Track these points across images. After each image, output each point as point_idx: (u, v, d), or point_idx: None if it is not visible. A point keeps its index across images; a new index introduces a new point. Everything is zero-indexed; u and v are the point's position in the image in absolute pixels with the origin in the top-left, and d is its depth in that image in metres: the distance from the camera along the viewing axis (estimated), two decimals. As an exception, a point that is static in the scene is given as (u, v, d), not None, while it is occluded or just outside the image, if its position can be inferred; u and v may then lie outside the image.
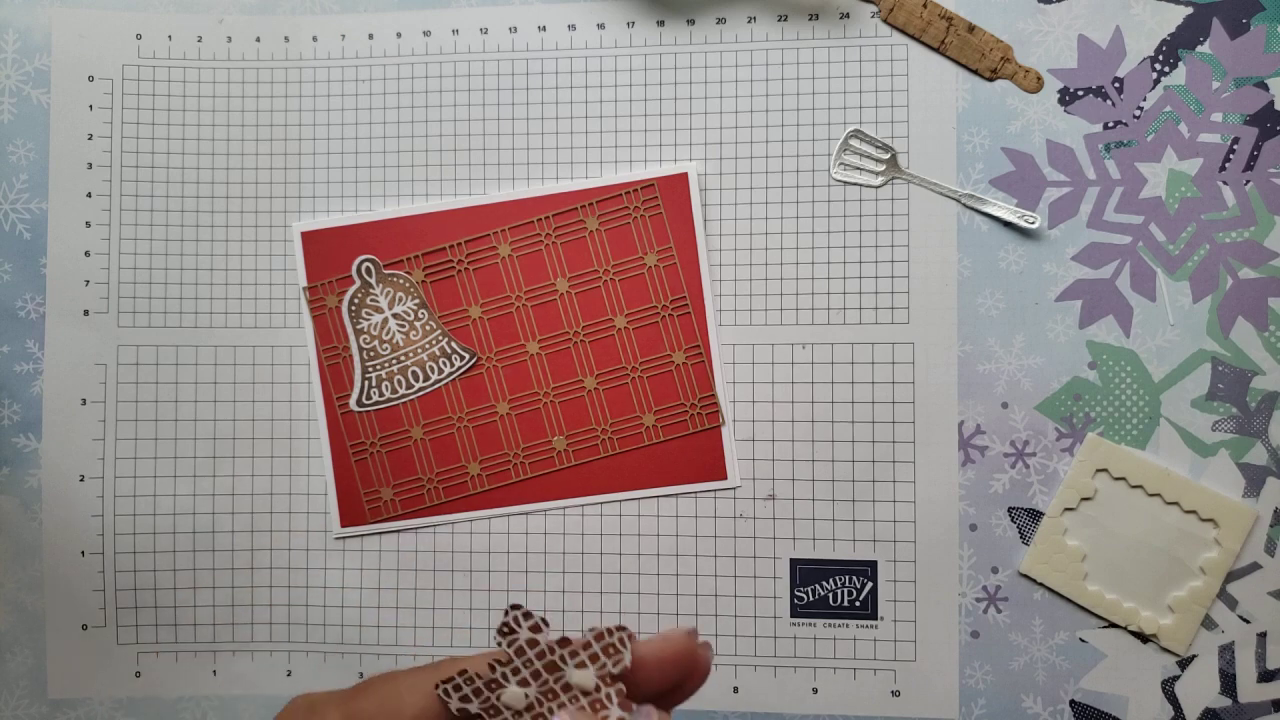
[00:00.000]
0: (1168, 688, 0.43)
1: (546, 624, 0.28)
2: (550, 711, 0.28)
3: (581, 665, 0.29)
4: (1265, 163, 0.43)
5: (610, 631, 0.28)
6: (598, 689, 0.29)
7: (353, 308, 0.47)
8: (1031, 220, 0.44)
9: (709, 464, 0.45)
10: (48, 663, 0.46)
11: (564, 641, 0.28)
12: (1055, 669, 0.44)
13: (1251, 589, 0.43)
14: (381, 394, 0.46)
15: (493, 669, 0.29)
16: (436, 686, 0.28)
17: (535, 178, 0.47)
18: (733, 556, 0.45)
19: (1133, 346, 0.44)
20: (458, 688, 0.29)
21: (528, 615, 0.28)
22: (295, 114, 0.47)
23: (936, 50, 0.45)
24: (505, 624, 0.28)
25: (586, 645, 0.28)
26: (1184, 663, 0.43)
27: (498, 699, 0.29)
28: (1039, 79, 0.44)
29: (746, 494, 0.45)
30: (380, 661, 0.46)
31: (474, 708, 0.29)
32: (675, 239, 0.46)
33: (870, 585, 0.45)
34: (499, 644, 0.29)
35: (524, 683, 0.29)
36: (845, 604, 0.45)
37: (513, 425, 0.46)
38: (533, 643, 0.28)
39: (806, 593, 0.45)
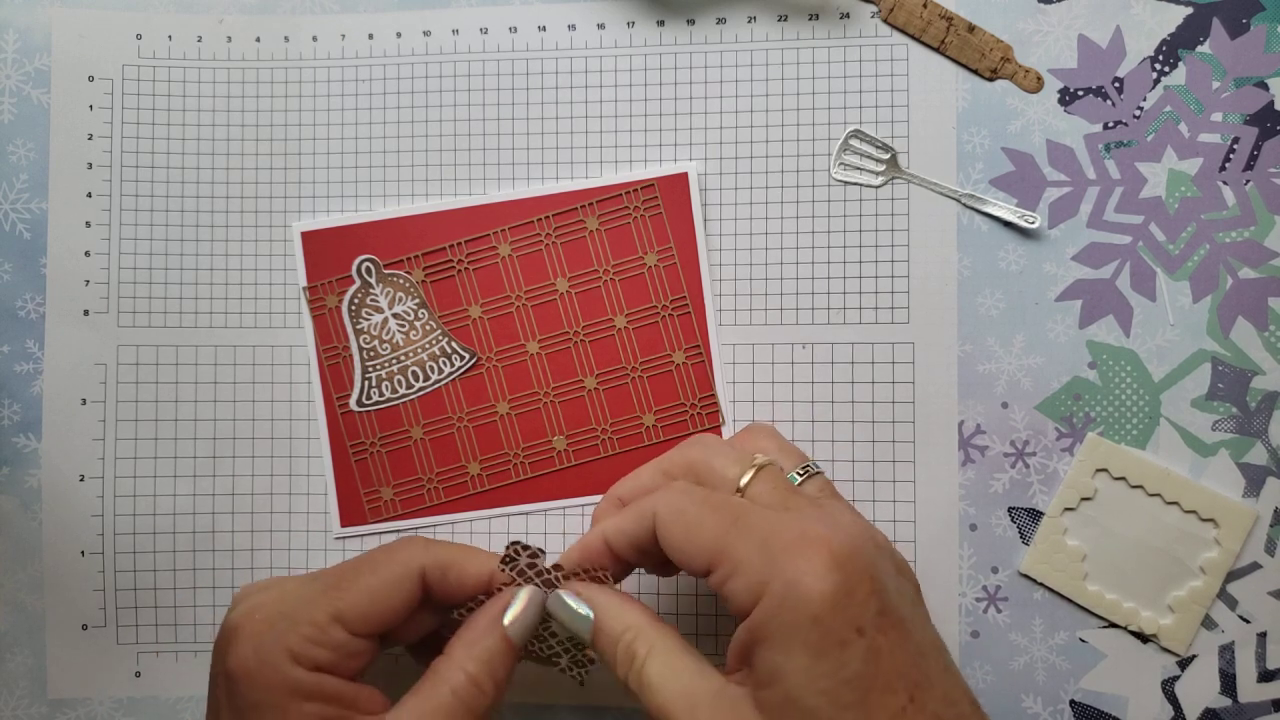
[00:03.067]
0: (1168, 688, 0.43)
1: (543, 551, 0.35)
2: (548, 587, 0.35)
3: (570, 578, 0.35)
4: (1265, 163, 0.43)
5: (591, 569, 0.35)
6: None
7: (353, 308, 0.47)
8: (1031, 220, 0.44)
9: (709, 464, 0.45)
10: (48, 663, 0.46)
11: (557, 566, 0.35)
12: (1055, 669, 0.44)
13: (1251, 589, 0.43)
14: (381, 394, 0.46)
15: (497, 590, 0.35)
16: (455, 612, 0.36)
17: (535, 178, 0.47)
18: (733, 556, 0.45)
19: (1133, 346, 0.44)
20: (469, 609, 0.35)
21: (525, 547, 0.35)
22: (295, 114, 0.47)
23: (936, 50, 0.45)
24: (507, 554, 0.35)
25: (578, 575, 0.35)
26: (1184, 663, 0.43)
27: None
28: (1039, 79, 0.44)
29: (746, 494, 0.45)
30: (380, 659, 0.46)
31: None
32: (675, 239, 0.46)
33: (870, 585, 0.44)
34: (502, 569, 0.35)
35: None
36: (845, 604, 0.45)
37: (513, 425, 0.46)
38: (532, 565, 0.35)
39: (806, 593, 0.45)
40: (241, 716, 0.32)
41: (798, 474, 0.36)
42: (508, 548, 0.34)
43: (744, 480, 0.34)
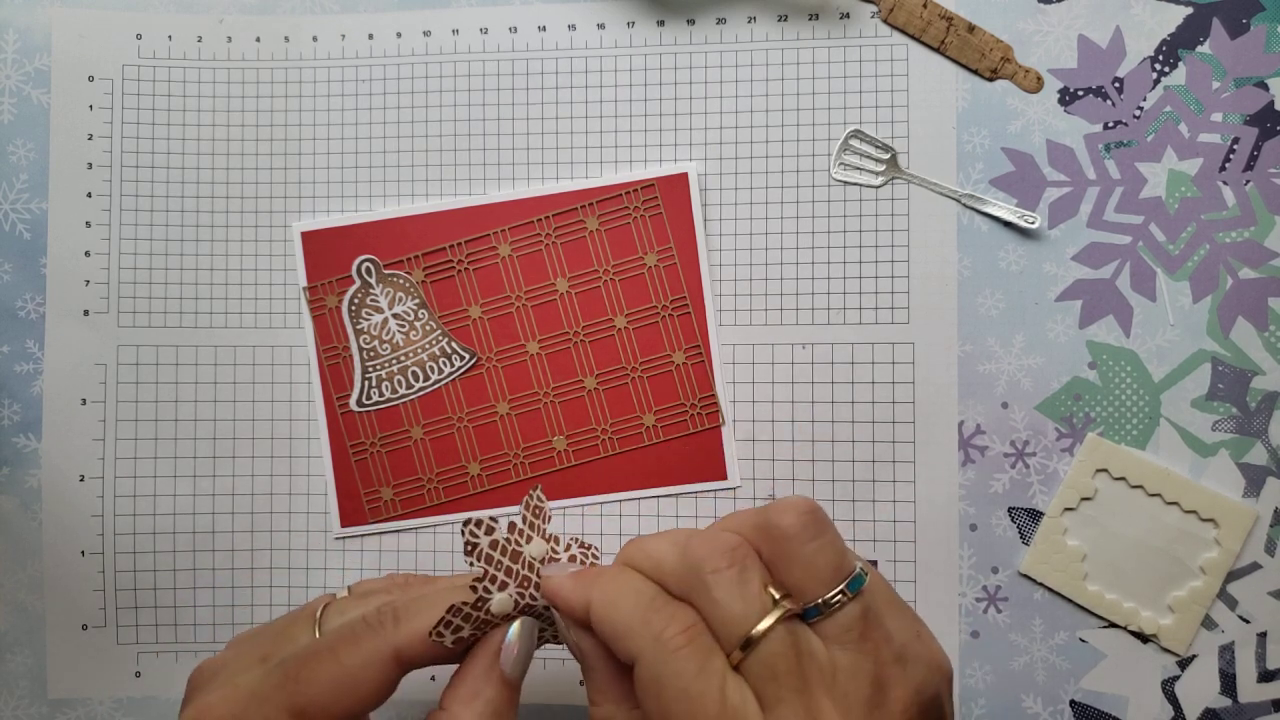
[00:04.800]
0: (1168, 688, 0.43)
1: (495, 521, 0.31)
2: (533, 596, 0.31)
3: (530, 539, 0.31)
4: (1265, 163, 0.43)
5: (529, 498, 0.31)
6: (552, 550, 0.32)
7: (353, 308, 0.47)
8: (1031, 220, 0.44)
9: (709, 464, 0.45)
10: (48, 663, 0.46)
11: (511, 526, 0.31)
12: (1055, 669, 0.44)
13: (1251, 589, 0.43)
14: (381, 394, 0.46)
15: (474, 589, 0.30)
16: (431, 634, 0.30)
17: (535, 178, 0.47)
18: (733, 556, 0.45)
19: (1133, 346, 0.44)
20: (448, 624, 0.30)
21: (478, 523, 0.30)
22: (295, 114, 0.47)
23: (936, 50, 0.45)
24: (467, 543, 0.30)
25: (525, 519, 0.31)
26: (1184, 663, 0.43)
27: (487, 614, 0.31)
28: (1039, 79, 0.44)
29: (746, 494, 0.45)
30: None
31: (467, 632, 0.31)
32: (675, 239, 0.46)
33: (870, 585, 0.44)
34: (470, 564, 0.30)
35: (503, 586, 0.31)
36: (845, 604, 0.45)
37: (513, 425, 0.46)
38: (493, 544, 0.31)
39: (806, 593, 0.45)
40: None
41: (822, 604, 0.27)
42: (464, 530, 0.30)
43: (759, 627, 0.26)
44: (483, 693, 0.30)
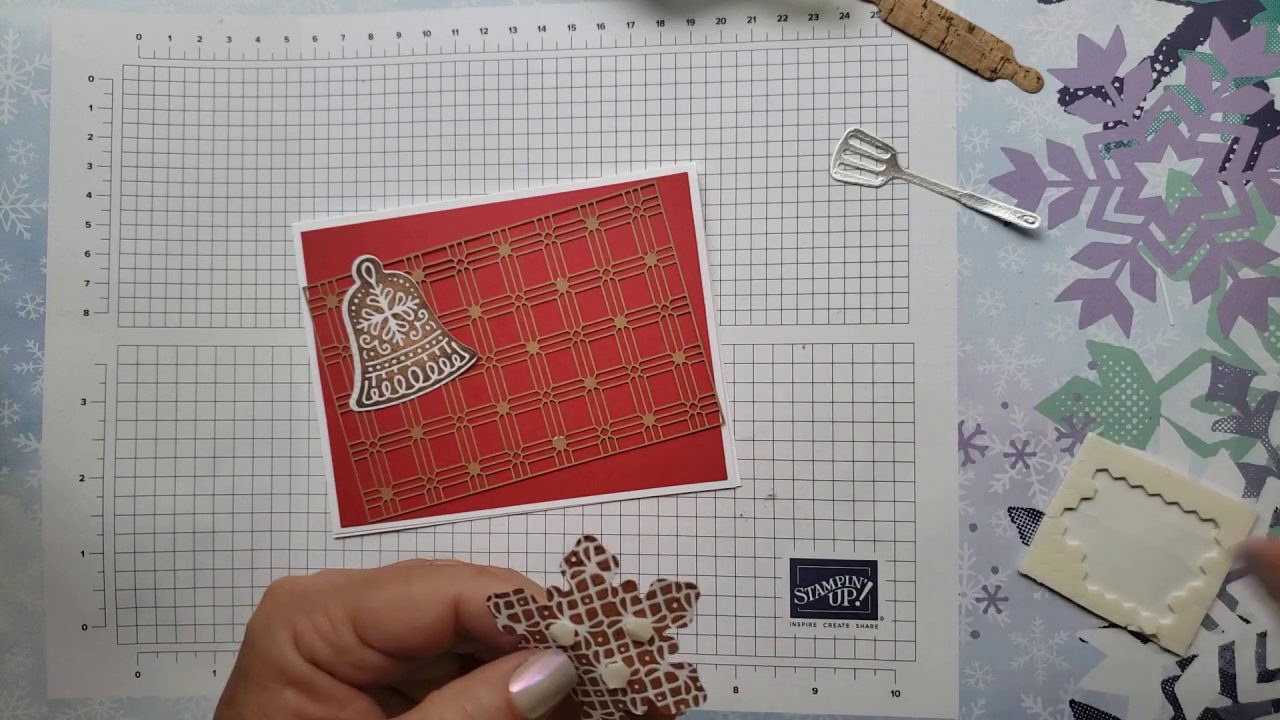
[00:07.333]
0: (1168, 688, 0.43)
1: (617, 563, 0.27)
2: (596, 656, 0.28)
3: (640, 614, 0.27)
4: (1265, 163, 0.43)
5: (679, 586, 0.27)
6: (651, 641, 0.28)
7: (353, 308, 0.47)
8: (1031, 220, 0.44)
9: (709, 464, 0.45)
10: (48, 663, 0.46)
11: (629, 585, 0.27)
12: (1055, 669, 0.44)
13: (1251, 589, 0.43)
14: (381, 394, 0.46)
15: (550, 596, 0.28)
16: (489, 599, 0.28)
17: (535, 178, 0.47)
18: (733, 556, 0.45)
19: (1133, 346, 0.44)
20: (509, 604, 0.28)
21: (600, 550, 0.27)
22: (295, 114, 0.47)
23: (936, 50, 0.45)
24: (574, 554, 0.27)
25: (652, 595, 0.27)
26: (1184, 663, 0.43)
27: (546, 628, 0.28)
28: (1039, 79, 0.44)
29: (746, 494, 0.45)
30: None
31: (520, 629, 0.28)
32: (675, 239, 0.46)
33: (870, 585, 0.45)
34: (563, 572, 0.28)
35: (577, 619, 0.28)
36: (845, 604, 0.45)
37: (513, 425, 0.46)
38: (597, 579, 0.27)
39: (806, 593, 0.45)
40: (237, 674, 0.31)
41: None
42: (578, 543, 0.28)
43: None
44: (480, 697, 0.29)
